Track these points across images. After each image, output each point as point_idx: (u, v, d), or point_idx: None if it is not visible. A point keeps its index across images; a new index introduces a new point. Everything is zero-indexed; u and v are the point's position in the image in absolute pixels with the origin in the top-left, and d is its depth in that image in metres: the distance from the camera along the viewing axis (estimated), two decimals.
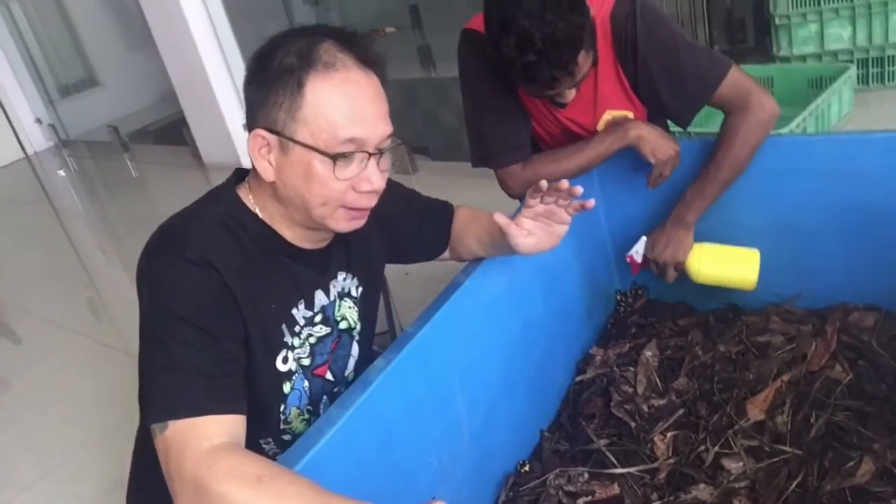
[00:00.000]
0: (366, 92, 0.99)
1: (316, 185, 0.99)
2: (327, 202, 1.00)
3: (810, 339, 1.48)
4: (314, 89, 0.96)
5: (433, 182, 3.36)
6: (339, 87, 0.97)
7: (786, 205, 1.57)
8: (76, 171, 5.58)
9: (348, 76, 0.98)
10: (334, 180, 0.98)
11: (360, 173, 1.00)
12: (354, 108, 0.97)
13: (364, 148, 0.99)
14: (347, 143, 0.97)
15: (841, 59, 2.86)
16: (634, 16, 1.40)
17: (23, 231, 4.55)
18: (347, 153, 0.98)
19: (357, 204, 1.03)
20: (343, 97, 0.97)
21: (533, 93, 1.40)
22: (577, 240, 1.67)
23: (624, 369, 1.55)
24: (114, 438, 2.15)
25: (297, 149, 0.97)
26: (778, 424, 1.32)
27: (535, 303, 1.48)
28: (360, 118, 0.98)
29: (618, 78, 1.49)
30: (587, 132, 1.56)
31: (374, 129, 0.99)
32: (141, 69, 5.57)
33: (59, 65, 6.19)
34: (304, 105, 0.96)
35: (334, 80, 0.97)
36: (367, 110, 0.99)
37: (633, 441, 1.40)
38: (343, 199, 1.01)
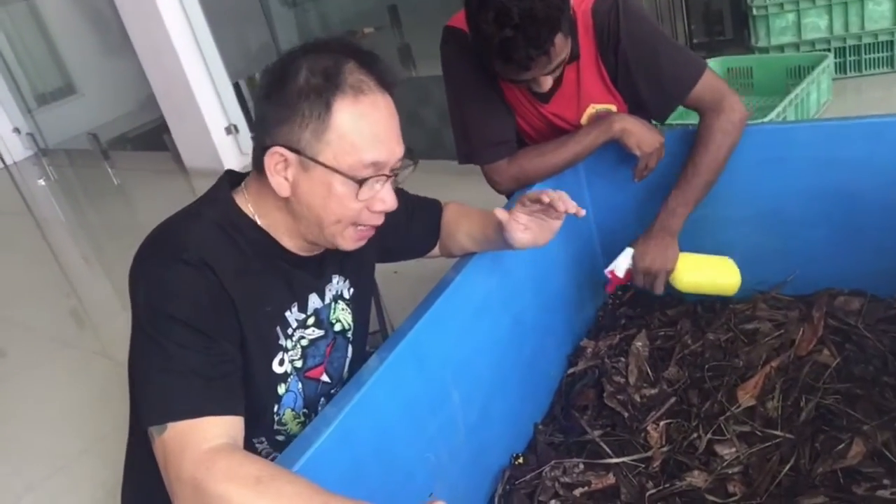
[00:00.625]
0: (386, 116, 1.01)
1: (334, 204, 1.00)
2: (341, 220, 1.03)
3: (798, 325, 1.50)
4: (342, 112, 0.97)
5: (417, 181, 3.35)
6: (365, 112, 0.98)
7: (769, 193, 1.58)
8: (56, 179, 5.52)
9: (374, 101, 0.99)
10: (354, 201, 1.01)
11: (376, 194, 1.02)
12: (377, 133, 0.99)
13: (383, 171, 1.01)
14: (370, 167, 0.99)
15: (818, 48, 2.90)
16: (617, 10, 1.42)
17: (4, 242, 4.50)
18: (375, 181, 1.00)
19: (369, 222, 1.05)
20: (369, 122, 0.98)
21: (509, 76, 1.37)
22: (565, 233, 1.66)
23: (615, 360, 1.56)
24: (105, 447, 2.13)
25: (320, 169, 0.98)
26: (769, 409, 1.34)
27: (525, 297, 1.49)
28: (381, 142, 1.00)
29: (599, 72, 1.50)
30: (571, 126, 1.57)
31: (393, 151, 1.02)
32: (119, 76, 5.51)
33: (35, 73, 6.12)
34: (331, 128, 0.97)
35: (361, 105, 0.98)
36: (387, 134, 1.01)
37: (626, 431, 1.41)
38: (356, 218, 1.03)
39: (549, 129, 1.59)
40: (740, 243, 1.65)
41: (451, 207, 1.38)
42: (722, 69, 2.96)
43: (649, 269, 1.48)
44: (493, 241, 1.22)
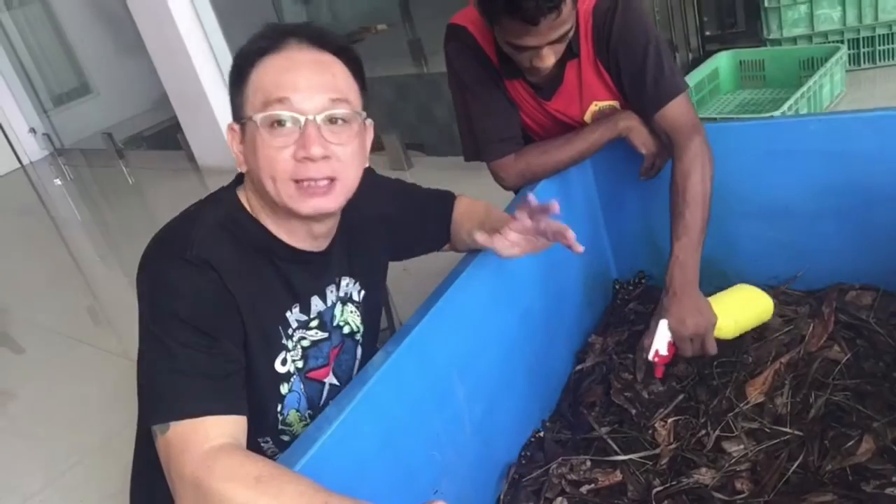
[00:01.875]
0: (305, 63, 1.00)
1: (262, 159, 0.99)
2: (274, 175, 0.99)
3: (808, 321, 1.48)
4: (256, 69, 1.00)
5: (429, 177, 3.35)
6: (277, 63, 1.00)
7: (780, 187, 1.57)
8: (72, 179, 5.57)
9: (290, 55, 1.00)
10: (274, 149, 0.98)
11: (298, 140, 0.98)
12: (288, 76, 0.99)
13: (297, 111, 0.97)
14: (275, 104, 0.97)
15: (832, 39, 2.86)
16: (615, 11, 1.41)
17: (21, 241, 4.55)
18: (277, 117, 0.97)
19: (303, 174, 0.99)
20: (278, 67, 0.99)
21: (513, 37, 1.31)
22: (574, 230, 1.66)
23: (623, 357, 1.55)
24: (117, 443, 2.15)
25: (248, 128, 1.00)
26: (777, 406, 1.33)
27: (534, 293, 1.48)
28: (292, 83, 0.98)
29: (598, 71, 1.49)
30: (576, 123, 1.57)
31: (310, 94, 0.98)
32: (133, 76, 5.56)
33: (51, 74, 6.18)
34: (248, 85, 1.00)
35: (274, 59, 1.00)
36: (300, 77, 0.99)
37: (634, 428, 1.40)
38: (290, 171, 0.99)
39: (554, 125, 1.58)
40: (750, 238, 1.63)
41: (462, 202, 1.37)
42: (734, 61, 2.94)
43: (695, 333, 1.34)
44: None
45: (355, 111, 1.03)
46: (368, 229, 1.21)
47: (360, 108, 1.04)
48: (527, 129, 1.63)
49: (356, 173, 1.05)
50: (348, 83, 1.03)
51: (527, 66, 1.39)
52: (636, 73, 1.44)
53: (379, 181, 1.29)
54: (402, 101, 4.36)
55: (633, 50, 1.42)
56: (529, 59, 1.36)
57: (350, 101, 1.02)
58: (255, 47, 1.01)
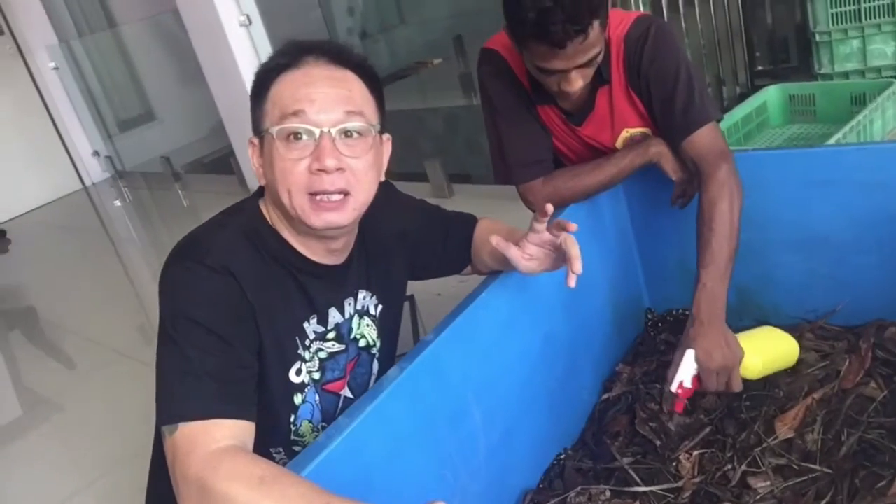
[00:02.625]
0: (322, 78, 1.02)
1: (278, 171, 1.01)
2: (290, 188, 1.01)
3: (844, 356, 1.43)
4: (276, 84, 1.03)
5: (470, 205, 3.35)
6: (296, 78, 1.02)
7: (819, 218, 1.52)
8: (131, 200, 5.78)
9: (308, 71, 1.03)
10: (290, 161, 1.00)
11: (314, 152, 1.00)
12: (304, 90, 1.01)
13: (313, 124, 0.99)
14: (292, 117, 1.00)
15: (885, 75, 2.79)
16: (646, 38, 1.41)
17: (80, 258, 4.71)
18: (293, 129, 0.99)
19: (317, 187, 1.00)
20: (297, 84, 1.02)
21: (542, 60, 1.31)
22: (605, 256, 1.65)
23: (650, 387, 1.52)
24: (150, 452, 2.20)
25: (266, 141, 1.03)
26: (808, 443, 1.28)
27: (557, 318, 1.47)
28: (308, 96, 1.01)
29: (630, 98, 1.49)
30: (607, 149, 1.56)
31: (324, 107, 1.00)
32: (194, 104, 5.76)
33: (118, 100, 6.45)
34: (267, 99, 1.03)
35: (294, 74, 1.02)
36: (317, 91, 1.01)
37: (657, 459, 1.36)
38: (307, 185, 1.00)
39: (586, 149, 1.58)
40: (787, 270, 1.59)
41: (482, 224, 1.37)
42: (783, 96, 2.88)
43: (722, 367, 1.29)
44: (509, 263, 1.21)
45: (370, 124, 1.04)
46: (388, 244, 1.22)
47: (375, 122, 1.06)
48: (559, 153, 1.63)
49: (370, 187, 1.07)
50: (364, 97, 1.05)
51: (555, 90, 1.39)
52: (666, 99, 1.43)
53: (400, 198, 1.30)
54: (451, 131, 4.42)
55: (664, 77, 1.42)
56: (558, 83, 1.36)
57: (365, 115, 1.04)
58: (275, 63, 1.04)
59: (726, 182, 1.36)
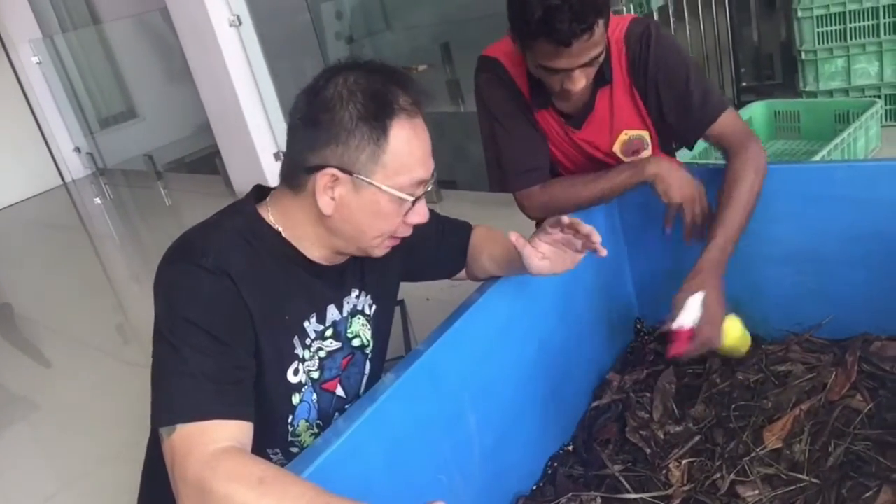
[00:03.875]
0: (425, 134, 1.06)
1: (381, 221, 1.05)
2: (382, 234, 1.07)
3: (831, 369, 1.45)
4: (397, 136, 1.01)
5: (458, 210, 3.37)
6: (416, 133, 1.03)
7: (808, 233, 1.55)
8: (112, 198, 5.72)
9: (419, 122, 1.04)
10: (398, 217, 1.05)
11: (413, 209, 1.07)
12: (422, 152, 1.05)
13: (426, 188, 1.06)
14: (417, 186, 1.04)
15: (868, 94, 2.85)
16: (648, 37, 1.44)
17: (58, 255, 4.66)
18: (417, 195, 1.05)
19: (403, 234, 1.10)
20: (418, 143, 1.04)
21: (546, 59, 1.33)
22: (597, 266, 1.66)
23: (640, 395, 1.54)
24: (133, 452, 2.16)
25: (372, 189, 1.02)
26: (795, 453, 1.30)
27: (551, 324, 1.48)
28: (425, 161, 1.05)
29: (632, 97, 1.51)
30: (604, 155, 1.57)
31: (430, 168, 1.07)
32: (178, 102, 5.73)
33: (100, 97, 6.39)
34: (387, 151, 1.01)
35: (413, 128, 1.03)
36: (427, 151, 1.06)
37: (647, 467, 1.38)
38: (394, 232, 1.08)
39: (583, 157, 1.60)
40: (776, 283, 1.61)
41: (479, 230, 1.39)
42: (769, 112, 2.93)
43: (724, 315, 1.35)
44: (514, 266, 1.22)
45: None
46: None
47: None
48: (555, 161, 1.64)
49: None
50: None
51: (557, 89, 1.40)
52: (681, 96, 1.46)
53: None
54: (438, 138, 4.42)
55: (675, 75, 1.45)
56: (561, 83, 1.37)
57: None
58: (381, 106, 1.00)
59: (754, 158, 1.41)
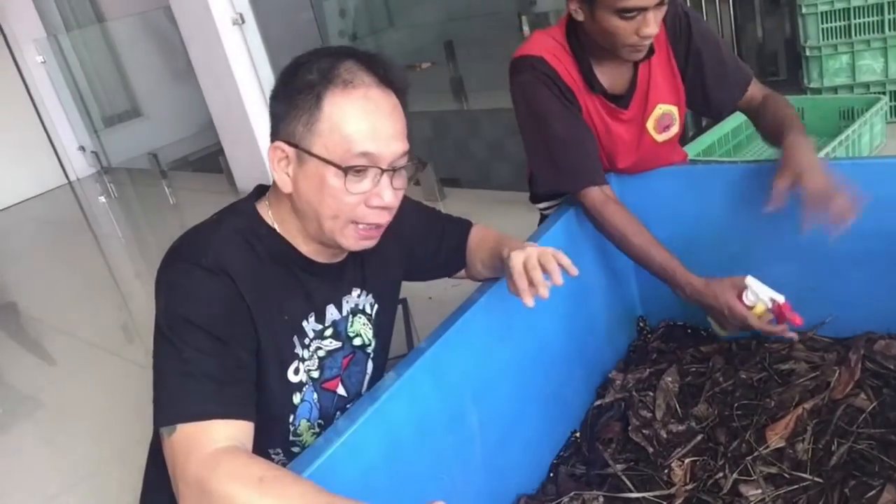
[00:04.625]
0: (382, 109, 1.01)
1: (328, 197, 1.00)
2: (338, 216, 1.02)
3: (834, 368, 1.45)
4: (332, 104, 0.98)
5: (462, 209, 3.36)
6: (355, 103, 0.99)
7: (811, 231, 1.54)
8: (116, 197, 5.73)
9: (366, 94, 1.00)
10: (346, 194, 1.00)
11: (373, 189, 1.02)
12: (369, 124, 0.99)
13: (377, 164, 1.00)
14: (360, 158, 0.99)
15: (873, 90, 2.83)
16: (685, 12, 1.54)
17: (63, 253, 4.67)
18: (360, 167, 0.99)
19: (367, 219, 1.03)
20: (359, 113, 0.99)
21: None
22: (600, 265, 1.66)
23: (643, 394, 1.53)
24: (136, 453, 2.16)
25: (313, 161, 0.99)
26: (798, 452, 1.29)
27: (553, 324, 1.48)
28: (374, 134, 0.99)
29: (670, 67, 1.57)
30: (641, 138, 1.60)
31: (388, 145, 1.01)
32: (182, 101, 5.74)
33: (104, 96, 6.40)
34: (321, 119, 0.98)
35: (352, 97, 0.99)
36: (382, 127, 1.00)
37: (650, 466, 1.37)
38: (354, 214, 1.02)
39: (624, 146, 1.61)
40: (777, 282, 1.59)
41: (475, 231, 1.37)
42: None
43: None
44: (500, 270, 1.22)
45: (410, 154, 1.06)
46: (385, 245, 1.22)
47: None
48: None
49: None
50: (406, 125, 1.06)
51: (631, 40, 1.39)
52: (718, 64, 1.57)
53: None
54: (441, 136, 4.42)
55: (712, 48, 1.56)
56: (636, 30, 1.37)
57: (409, 147, 1.05)
58: (328, 75, 0.99)
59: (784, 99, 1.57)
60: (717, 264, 1.55)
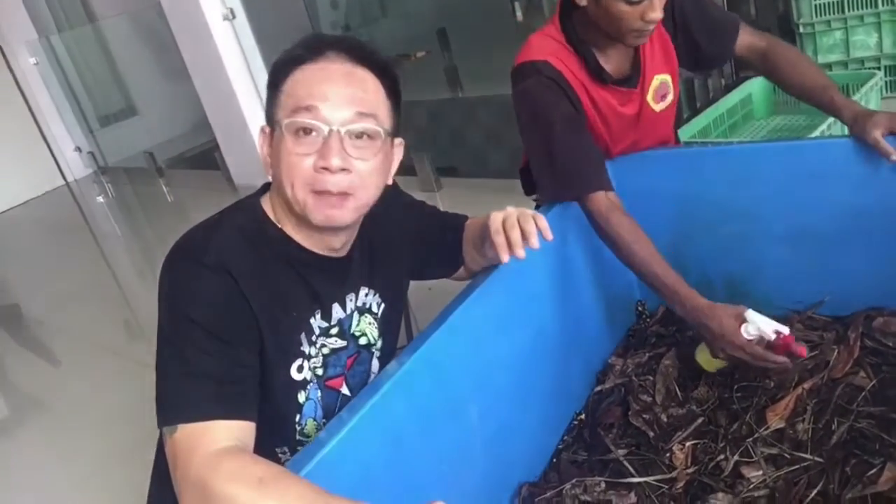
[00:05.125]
0: (339, 76, 1.01)
1: (284, 164, 1.01)
2: (294, 182, 1.00)
3: (833, 347, 1.45)
4: (292, 76, 1.02)
5: (458, 198, 3.37)
6: (312, 71, 1.01)
7: (807, 210, 1.54)
8: (114, 196, 5.73)
9: (326, 65, 1.02)
10: (297, 156, 0.99)
11: (319, 149, 1.00)
12: (319, 86, 1.00)
13: (326, 123, 0.99)
14: (303, 113, 0.99)
15: (868, 66, 2.82)
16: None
17: (63, 256, 4.67)
18: (303, 125, 0.99)
19: (322, 185, 1.00)
20: (312, 77, 1.01)
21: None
22: (596, 250, 1.66)
23: (643, 378, 1.53)
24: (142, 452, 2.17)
25: (276, 133, 1.02)
26: (798, 432, 1.30)
27: (550, 311, 1.48)
28: (322, 93, 1.00)
29: (661, 38, 1.57)
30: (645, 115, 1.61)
31: (336, 105, 0.99)
32: (177, 99, 5.72)
33: (99, 95, 6.38)
34: (282, 90, 1.02)
35: (309, 67, 1.02)
36: (332, 89, 1.00)
37: (651, 451, 1.38)
38: (309, 179, 1.00)
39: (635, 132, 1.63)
40: (776, 261, 1.61)
41: (468, 222, 1.36)
42: (767, 87, 2.90)
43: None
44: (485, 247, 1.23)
45: (382, 128, 1.03)
46: (392, 244, 1.22)
47: (388, 126, 1.05)
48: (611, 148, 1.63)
49: (374, 191, 1.06)
50: (379, 99, 1.04)
51: (636, 25, 1.40)
52: (704, 17, 1.59)
53: (405, 198, 1.30)
54: (436, 125, 4.41)
55: (696, 6, 1.59)
56: (641, 15, 1.38)
57: (378, 117, 1.03)
58: (294, 55, 1.02)
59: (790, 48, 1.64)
60: (715, 244, 1.56)
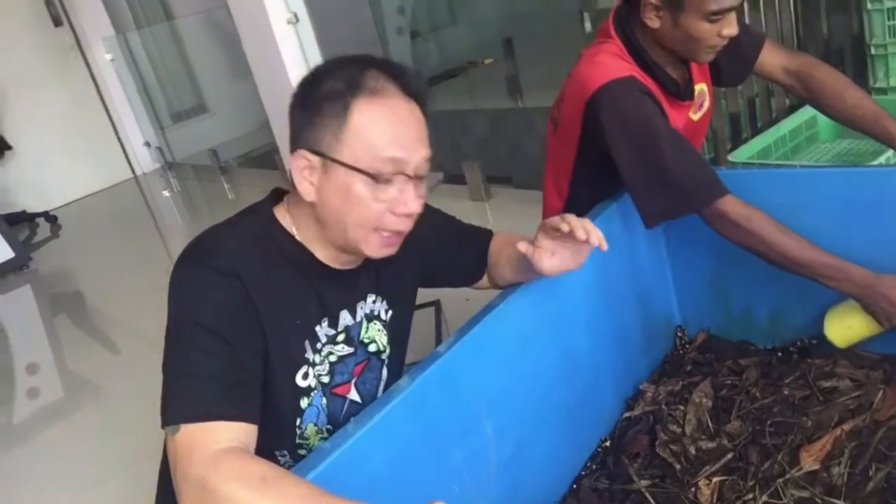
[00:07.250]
0: (406, 117, 1.02)
1: (355, 206, 1.01)
2: (364, 224, 1.02)
3: (879, 387, 1.36)
4: (359, 112, 0.99)
5: (507, 208, 3.33)
6: (382, 112, 1.00)
7: (861, 240, 1.45)
8: (179, 191, 5.90)
9: (391, 103, 1.01)
10: (374, 202, 1.01)
11: (399, 196, 1.02)
12: (395, 132, 1.00)
13: (403, 170, 1.01)
14: (388, 164, 1.00)
15: None
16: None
17: (127, 247, 4.81)
18: (388, 175, 1.00)
19: (392, 227, 1.03)
20: (385, 120, 1.00)
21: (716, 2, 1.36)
22: (635, 272, 1.61)
23: (673, 408, 1.48)
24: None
25: (340, 170, 1.00)
26: (833, 476, 1.22)
27: (578, 331, 1.44)
28: (400, 141, 1.00)
29: None
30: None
31: (413, 152, 1.02)
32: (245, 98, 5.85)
33: (171, 92, 6.59)
34: (348, 127, 0.99)
35: (377, 105, 1.00)
36: (407, 134, 1.01)
37: (676, 484, 1.33)
38: (379, 222, 1.02)
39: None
40: (825, 292, 1.52)
41: (499, 237, 1.35)
42: None
43: None
44: (530, 268, 1.19)
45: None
46: (400, 251, 1.21)
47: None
48: None
49: None
50: (427, 134, 1.06)
51: (713, 42, 1.43)
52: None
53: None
54: (493, 133, 4.39)
55: None
56: (719, 31, 1.40)
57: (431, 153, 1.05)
58: (354, 84, 1.00)
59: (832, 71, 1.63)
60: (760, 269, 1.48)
